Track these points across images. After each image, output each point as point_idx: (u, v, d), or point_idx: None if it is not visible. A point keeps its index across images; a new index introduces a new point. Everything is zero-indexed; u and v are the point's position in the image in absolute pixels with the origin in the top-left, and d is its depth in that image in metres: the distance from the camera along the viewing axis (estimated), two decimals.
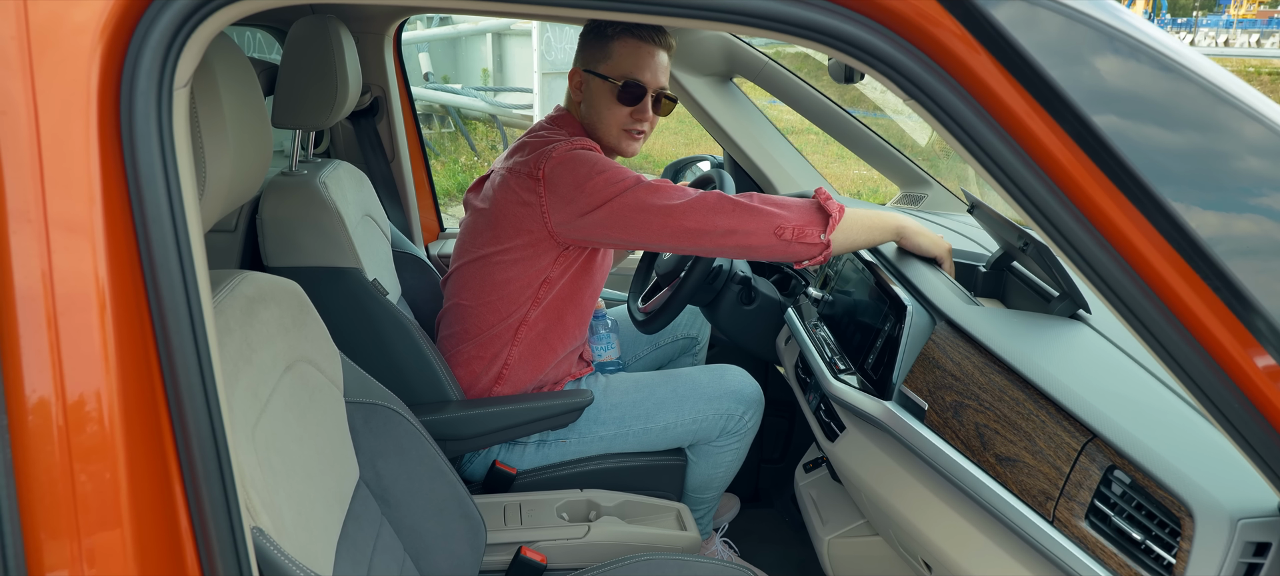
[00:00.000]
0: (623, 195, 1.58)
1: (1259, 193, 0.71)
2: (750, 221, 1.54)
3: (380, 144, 2.47)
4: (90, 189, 0.63)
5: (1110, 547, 0.94)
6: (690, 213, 1.55)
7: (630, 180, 1.59)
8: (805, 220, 1.55)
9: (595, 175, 1.60)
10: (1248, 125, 0.71)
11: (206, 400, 0.71)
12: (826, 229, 1.55)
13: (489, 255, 1.74)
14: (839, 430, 1.49)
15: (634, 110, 1.74)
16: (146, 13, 0.64)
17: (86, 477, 0.69)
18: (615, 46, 1.72)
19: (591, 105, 1.75)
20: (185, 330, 0.69)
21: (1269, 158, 0.71)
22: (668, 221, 1.56)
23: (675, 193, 1.58)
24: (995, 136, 0.72)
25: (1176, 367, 0.74)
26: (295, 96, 1.76)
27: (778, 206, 1.56)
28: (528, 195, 1.66)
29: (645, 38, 1.72)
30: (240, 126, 0.90)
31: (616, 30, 1.71)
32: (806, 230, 1.55)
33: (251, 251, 1.90)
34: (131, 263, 0.67)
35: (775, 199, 1.59)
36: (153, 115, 0.63)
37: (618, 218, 1.59)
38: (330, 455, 1.14)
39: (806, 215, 1.56)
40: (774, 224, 1.54)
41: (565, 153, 1.64)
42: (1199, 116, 0.70)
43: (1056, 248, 0.75)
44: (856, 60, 0.71)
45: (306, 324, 1.15)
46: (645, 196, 1.57)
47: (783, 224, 1.55)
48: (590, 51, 1.75)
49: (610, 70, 1.72)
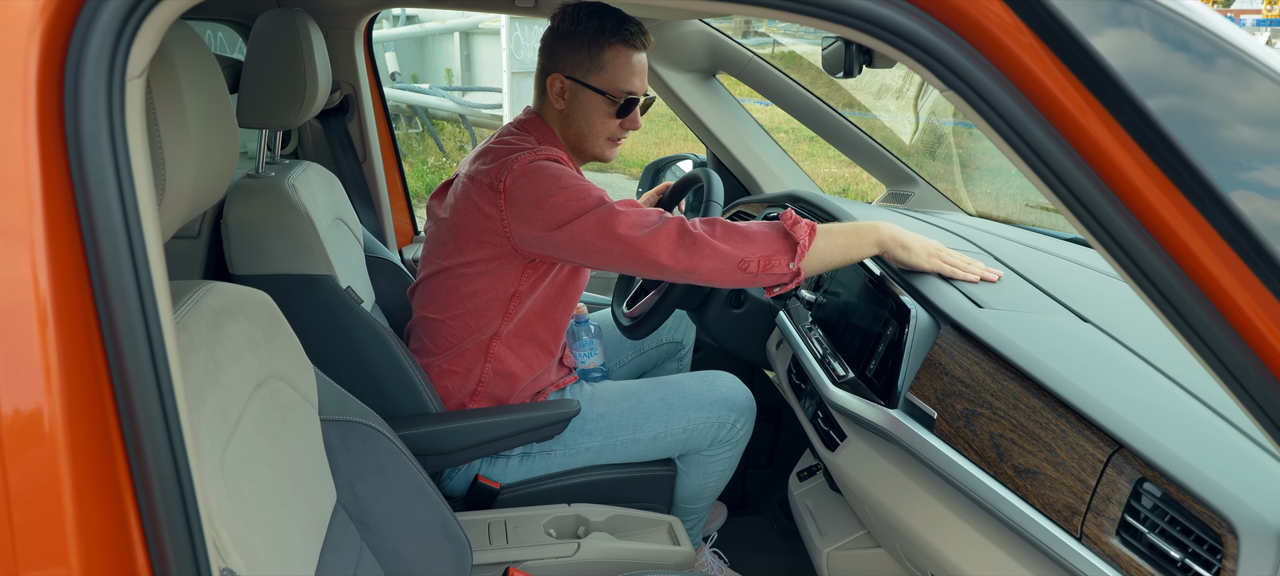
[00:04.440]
0: (584, 217, 1.49)
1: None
2: (712, 259, 1.46)
3: (351, 144, 2.37)
4: (28, 192, 0.54)
5: (1146, 566, 0.88)
6: (653, 244, 1.46)
7: (593, 200, 1.50)
8: (771, 250, 1.47)
9: (557, 192, 1.52)
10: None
11: (168, 430, 0.63)
12: (795, 257, 1.47)
13: (454, 267, 1.67)
14: (839, 439, 1.43)
15: (625, 121, 1.68)
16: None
17: (25, 515, 0.60)
18: (608, 56, 1.63)
19: (581, 115, 1.67)
20: (141, 350, 0.61)
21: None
22: (629, 250, 1.47)
23: (639, 218, 1.49)
24: (1041, 129, 0.66)
25: (1231, 380, 0.69)
26: (261, 94, 1.67)
27: (742, 238, 1.47)
28: (489, 208, 1.58)
29: (637, 45, 1.64)
30: (204, 123, 0.82)
31: (608, 38, 1.62)
32: (773, 261, 1.46)
33: (216, 259, 1.80)
34: (78, 274, 0.59)
35: (740, 227, 1.50)
36: (102, 108, 0.54)
37: (578, 240, 1.50)
38: (306, 479, 1.05)
39: (772, 244, 1.47)
40: (738, 258, 1.46)
41: (527, 165, 1.55)
42: (1269, 113, 0.64)
43: (1102, 247, 0.70)
44: (893, 48, 0.65)
45: (278, 337, 1.07)
46: (608, 220, 1.48)
47: (747, 257, 1.46)
48: (577, 59, 1.65)
49: (604, 83, 1.64)
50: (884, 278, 1.50)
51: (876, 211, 1.99)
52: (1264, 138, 0.67)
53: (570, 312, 1.78)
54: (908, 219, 1.91)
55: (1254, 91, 0.65)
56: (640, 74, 1.66)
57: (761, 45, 9.47)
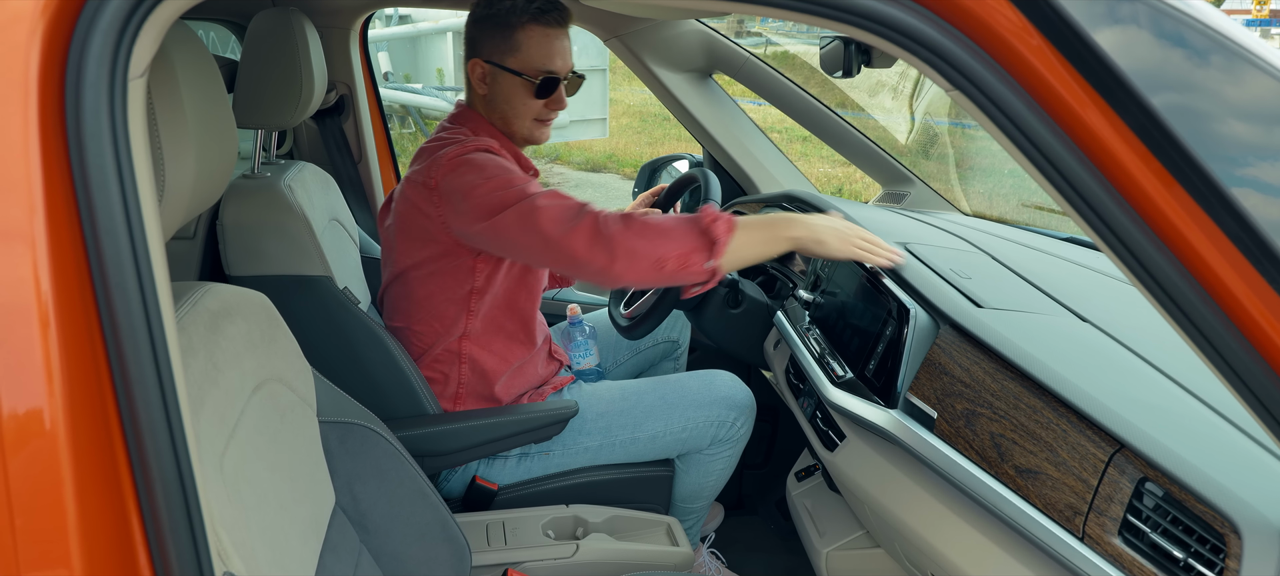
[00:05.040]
0: (507, 210, 1.47)
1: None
2: (626, 258, 1.40)
3: (346, 144, 2.36)
4: (30, 193, 0.54)
5: (1149, 566, 0.89)
6: (570, 241, 1.43)
7: (516, 192, 1.47)
8: (688, 248, 1.41)
9: (482, 182, 1.50)
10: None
11: (170, 432, 0.62)
12: (713, 254, 1.42)
13: (406, 272, 1.66)
14: (838, 439, 1.43)
15: (549, 100, 1.65)
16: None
17: (27, 517, 0.60)
18: (522, 37, 1.60)
19: (502, 99, 1.65)
20: (143, 352, 0.60)
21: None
22: (548, 247, 1.44)
23: (560, 213, 1.44)
24: (1047, 129, 0.66)
25: (1235, 379, 0.69)
26: (257, 94, 1.66)
27: (658, 235, 1.42)
28: (426, 205, 1.58)
29: (552, 22, 1.61)
30: (203, 124, 0.81)
31: (520, 17, 1.59)
32: (690, 259, 1.41)
33: (212, 260, 1.80)
34: (80, 275, 0.58)
35: (657, 223, 1.44)
36: (103, 108, 0.54)
37: (503, 234, 1.48)
38: (305, 481, 1.05)
39: (689, 242, 1.42)
40: (654, 256, 1.41)
41: (454, 158, 1.54)
42: (1272, 110, 0.64)
43: (1105, 246, 0.70)
44: (900, 48, 0.65)
45: (276, 339, 1.06)
46: (530, 214, 1.45)
47: (664, 255, 1.41)
48: (492, 42, 1.62)
49: (521, 64, 1.61)
50: (882, 277, 1.50)
51: (858, 208, 1.99)
52: (1267, 135, 0.67)
53: (535, 300, 1.76)
54: (895, 215, 1.91)
55: (1258, 89, 0.65)
56: (560, 53, 1.63)
57: (755, 45, 9.48)
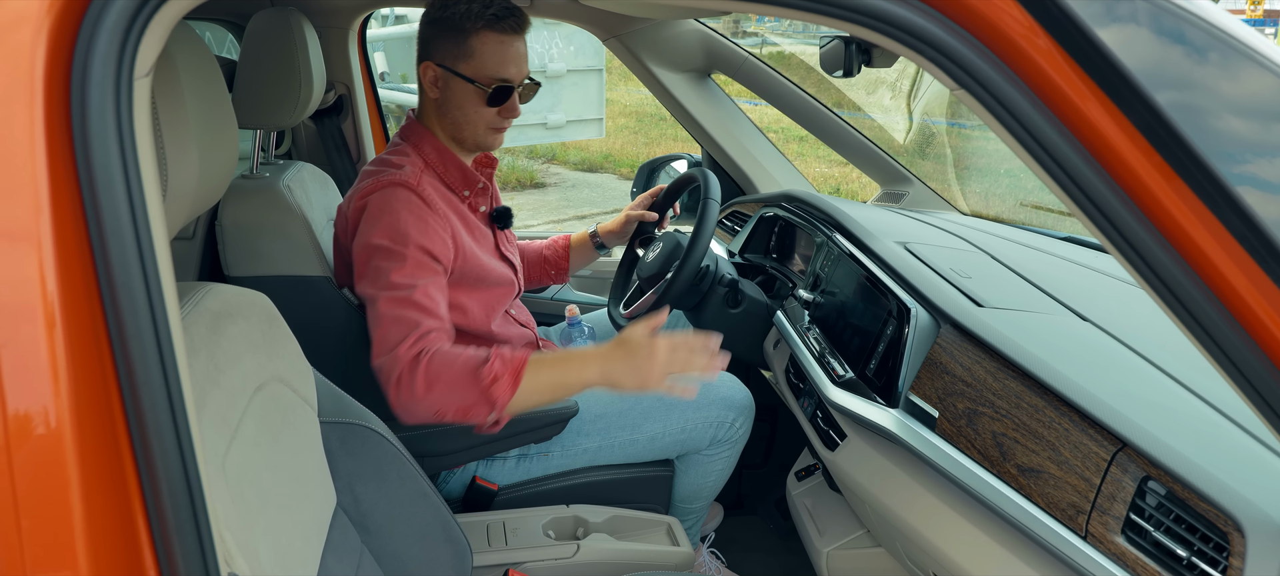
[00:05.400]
0: (368, 283, 1.47)
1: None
2: (412, 404, 1.38)
3: (345, 144, 2.36)
4: (36, 193, 0.53)
5: (1152, 564, 0.89)
6: (382, 360, 1.41)
7: (387, 280, 1.44)
8: (464, 402, 1.38)
9: (376, 224, 1.48)
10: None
11: (176, 433, 0.62)
12: (496, 409, 1.39)
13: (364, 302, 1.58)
14: (839, 438, 1.43)
15: (502, 109, 1.61)
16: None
17: (33, 519, 0.59)
18: (476, 44, 1.55)
19: (454, 105, 1.60)
20: (150, 351, 0.60)
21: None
22: (375, 347, 1.43)
23: (389, 333, 1.42)
24: (1051, 127, 0.66)
25: (1240, 378, 0.69)
26: (255, 94, 1.66)
27: (438, 392, 1.38)
28: (343, 235, 1.58)
29: (508, 29, 1.56)
30: (205, 123, 0.81)
31: (474, 23, 1.54)
32: (469, 413, 1.39)
33: (211, 261, 1.79)
34: (86, 275, 0.58)
35: (448, 374, 1.38)
36: (109, 107, 0.54)
37: (363, 295, 1.49)
38: (306, 482, 1.04)
39: (466, 400, 1.38)
40: (432, 411, 1.39)
41: (369, 195, 1.52)
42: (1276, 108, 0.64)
43: (1112, 246, 0.70)
44: (906, 47, 0.65)
45: (277, 339, 1.06)
46: (377, 306, 1.44)
47: (442, 411, 1.39)
48: (445, 46, 1.57)
49: (475, 72, 1.56)
50: (882, 277, 1.50)
51: (857, 208, 1.99)
52: (1270, 132, 0.67)
53: (490, 317, 1.71)
54: (894, 215, 1.91)
55: (1260, 86, 0.65)
56: (515, 60, 1.58)
57: (752, 44, 9.47)
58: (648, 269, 1.85)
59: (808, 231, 1.90)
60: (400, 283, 1.45)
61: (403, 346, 1.41)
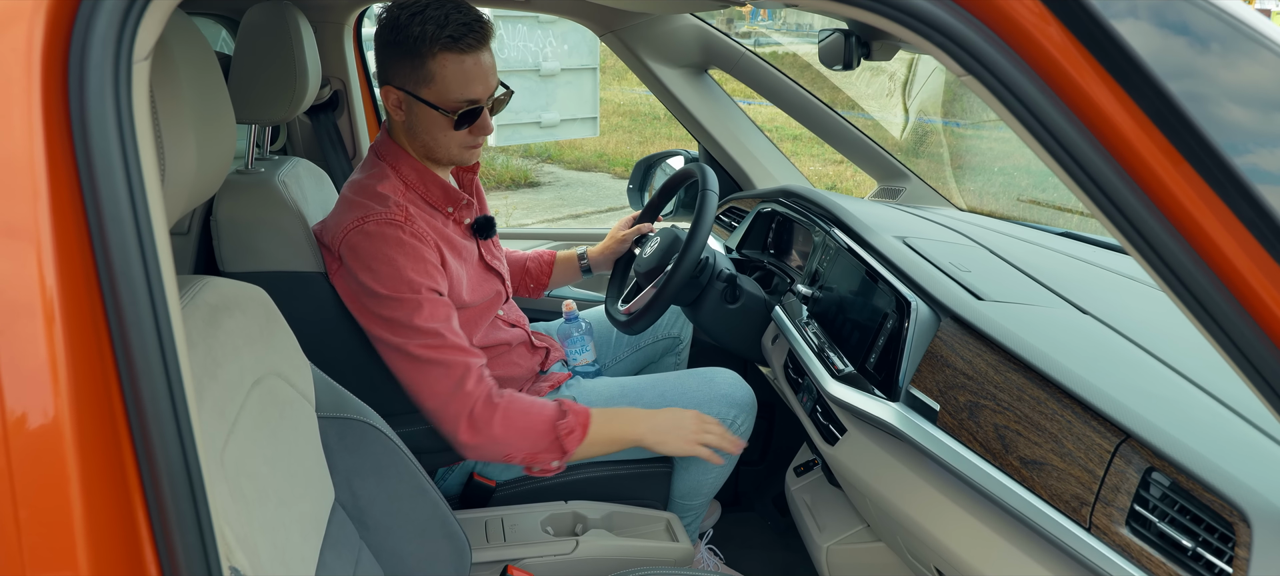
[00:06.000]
0: (386, 332, 1.48)
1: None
2: (477, 446, 1.47)
3: (341, 140, 2.35)
4: (33, 180, 0.53)
5: (1157, 555, 0.88)
6: (439, 403, 1.47)
7: (401, 325, 1.46)
8: (537, 449, 1.49)
9: (374, 274, 1.47)
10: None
11: (177, 425, 0.61)
12: (562, 457, 1.51)
13: None
14: (839, 433, 1.42)
15: (474, 128, 1.55)
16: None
17: (32, 513, 0.58)
18: (435, 67, 1.46)
19: (422, 129, 1.54)
20: (151, 343, 0.59)
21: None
22: (415, 395, 1.49)
23: (438, 372, 1.46)
24: (1059, 114, 0.66)
25: (1254, 374, 0.69)
26: (251, 89, 1.64)
27: (513, 435, 1.47)
28: (335, 265, 1.57)
29: (468, 47, 1.46)
30: (202, 112, 0.80)
31: (431, 46, 1.44)
32: (538, 457, 1.50)
33: (206, 257, 1.78)
34: (85, 263, 0.57)
35: (519, 419, 1.48)
36: (109, 90, 0.53)
37: (380, 345, 1.51)
38: (304, 477, 1.03)
39: (538, 445, 1.49)
40: (502, 452, 1.48)
41: (355, 234, 1.50)
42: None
43: (1120, 234, 0.69)
44: (911, 32, 0.64)
45: (274, 333, 1.05)
46: (409, 343, 1.46)
47: (511, 454, 1.48)
48: (405, 70, 1.48)
49: (438, 97, 1.48)
50: (882, 271, 1.49)
51: (854, 204, 1.99)
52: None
53: (475, 330, 1.69)
54: (891, 210, 1.91)
55: (1273, 73, 0.65)
56: (480, 77, 1.49)
57: (747, 43, 9.46)
58: (646, 264, 1.84)
59: (806, 226, 1.90)
60: (426, 327, 1.47)
61: (467, 386, 1.46)
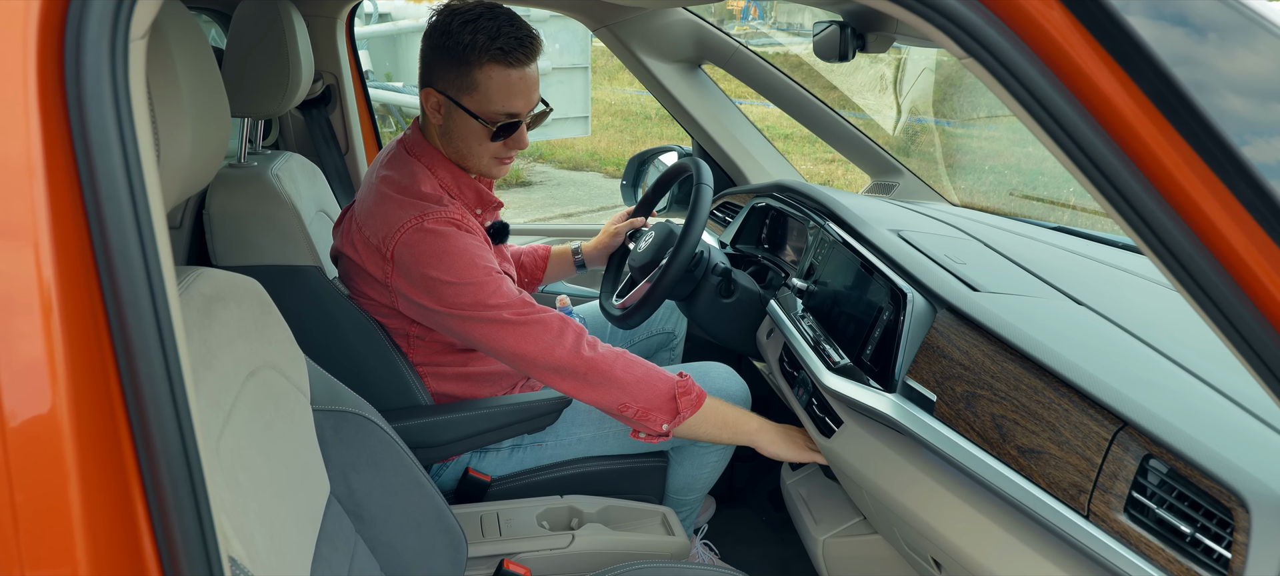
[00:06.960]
0: (474, 322, 1.47)
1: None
2: (594, 390, 1.48)
3: (333, 134, 2.34)
4: (29, 162, 0.52)
5: (1155, 541, 0.89)
6: (550, 353, 1.46)
7: (481, 304, 1.46)
8: (651, 405, 1.50)
9: (446, 280, 1.46)
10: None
11: (176, 415, 0.60)
12: (673, 421, 1.51)
13: (355, 297, 1.61)
14: (835, 425, 1.42)
15: (509, 141, 1.55)
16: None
17: (30, 507, 0.58)
18: (481, 77, 1.47)
19: (458, 137, 1.54)
20: (150, 333, 0.58)
21: None
22: (523, 363, 1.49)
23: (538, 329, 1.47)
24: (1061, 97, 0.66)
25: (1255, 359, 0.69)
26: (243, 82, 1.63)
27: (632, 382, 1.49)
28: (377, 272, 1.53)
29: (516, 61, 1.47)
30: (197, 99, 0.79)
31: (480, 56, 1.45)
32: (650, 415, 1.50)
33: (199, 251, 1.77)
34: (83, 251, 0.56)
35: (638, 367, 1.51)
36: (105, 68, 0.52)
37: (468, 335, 1.50)
38: (299, 469, 1.03)
39: (655, 400, 1.50)
40: (619, 399, 1.49)
41: (413, 232, 1.47)
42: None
43: (1121, 218, 0.69)
44: (914, 15, 0.64)
45: (269, 326, 1.04)
46: (502, 313, 1.46)
47: (627, 403, 1.49)
48: (450, 76, 1.49)
49: (479, 106, 1.49)
50: (877, 263, 1.49)
51: (848, 198, 1.99)
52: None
53: None
54: (886, 204, 1.91)
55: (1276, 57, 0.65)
56: (523, 92, 1.50)
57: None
58: (640, 258, 1.84)
59: (800, 221, 1.90)
60: (512, 296, 1.49)
61: (567, 337, 1.47)
